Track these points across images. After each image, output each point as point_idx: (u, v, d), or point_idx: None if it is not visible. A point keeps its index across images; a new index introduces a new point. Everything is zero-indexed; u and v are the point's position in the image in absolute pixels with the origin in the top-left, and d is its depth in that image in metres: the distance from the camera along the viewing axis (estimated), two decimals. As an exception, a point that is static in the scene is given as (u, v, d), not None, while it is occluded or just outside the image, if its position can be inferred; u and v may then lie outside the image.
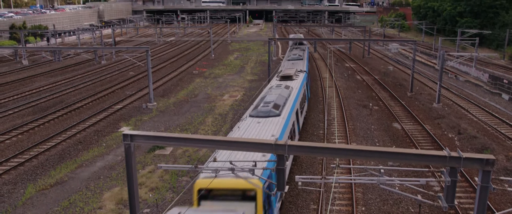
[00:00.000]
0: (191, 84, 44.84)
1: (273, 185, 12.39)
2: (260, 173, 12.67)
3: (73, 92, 40.75)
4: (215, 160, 12.98)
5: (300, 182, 11.12)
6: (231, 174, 12.20)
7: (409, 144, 25.96)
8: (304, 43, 51.33)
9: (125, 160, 11.20)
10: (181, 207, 11.72)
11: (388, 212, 17.88)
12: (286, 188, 10.82)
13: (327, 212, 17.67)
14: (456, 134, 27.73)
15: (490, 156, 8.86)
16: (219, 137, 11.31)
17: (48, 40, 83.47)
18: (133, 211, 11.76)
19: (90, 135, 28.51)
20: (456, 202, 9.48)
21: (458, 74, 48.84)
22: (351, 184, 19.58)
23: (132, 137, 10.88)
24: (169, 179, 20.88)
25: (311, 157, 22.90)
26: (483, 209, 9.19)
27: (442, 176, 9.60)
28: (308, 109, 33.30)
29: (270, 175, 13.50)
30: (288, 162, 17.46)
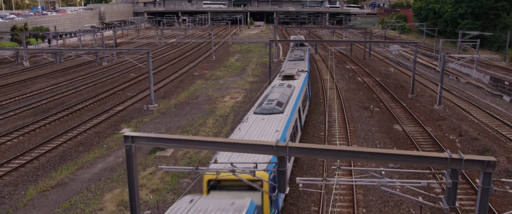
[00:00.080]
0: (192, 86, 44.85)
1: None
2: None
3: (74, 94, 40.79)
4: (216, 161, 13.04)
5: (301, 184, 11.11)
6: (241, 162, 12.90)
7: (410, 146, 25.94)
8: (305, 45, 51.50)
9: (126, 162, 11.20)
10: (193, 195, 12.46)
11: (389, 214, 17.86)
12: (287, 190, 10.81)
13: (328, 214, 17.64)
14: (457, 136, 27.70)
15: (491, 158, 8.85)
16: (220, 138, 11.31)
17: (49, 41, 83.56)
18: (134, 213, 11.75)
19: (91, 136, 28.53)
20: (457, 204, 9.46)
21: (459, 76, 48.81)
22: (352, 186, 19.57)
23: (133, 139, 10.88)
24: (170, 181, 20.88)
25: (312, 158, 22.89)
26: (484, 211, 9.17)
27: (443, 178, 9.58)
28: (309, 110, 33.31)
29: (273, 177, 13.60)
30: (289, 164, 17.50)
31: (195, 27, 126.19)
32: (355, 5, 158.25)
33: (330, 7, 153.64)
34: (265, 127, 18.55)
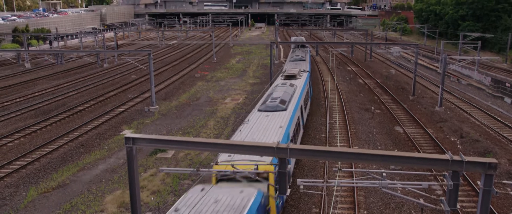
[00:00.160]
0: (193, 88, 44.87)
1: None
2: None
3: (75, 96, 40.83)
4: (217, 163, 13.11)
5: (302, 186, 11.11)
6: (245, 158, 14.17)
7: (411, 148, 25.91)
8: (306, 46, 51.72)
9: (127, 163, 11.20)
10: (204, 184, 13.26)
11: (390, 216, 17.83)
12: (288, 191, 10.81)
13: (329, 216, 17.63)
14: (458, 138, 27.66)
15: (492, 160, 8.83)
16: (221, 140, 11.32)
17: (50, 43, 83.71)
18: (134, 214, 11.75)
19: (92, 138, 28.54)
20: (458, 206, 9.44)
21: (460, 77, 48.77)
22: (353, 188, 19.55)
23: (134, 140, 10.88)
24: (171, 182, 20.87)
25: (313, 160, 22.87)
26: (485, 213, 9.15)
27: (445, 180, 9.57)
28: (310, 112, 33.31)
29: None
30: (291, 165, 17.54)
31: (196, 29, 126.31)
32: (356, 7, 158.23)
33: (331, 8, 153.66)
34: (269, 124, 19.29)
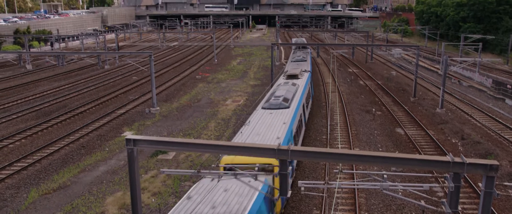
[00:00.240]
0: (194, 89, 44.90)
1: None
2: (263, 179, 12.99)
3: (77, 97, 40.87)
4: (218, 165, 13.14)
5: (303, 187, 11.10)
6: None
7: (412, 149, 25.88)
8: (307, 47, 52.14)
9: (128, 165, 11.20)
10: (212, 176, 13.59)
11: (391, 217, 17.80)
12: (289, 193, 10.80)
13: (330, 218, 17.60)
14: (459, 139, 27.63)
15: (494, 162, 8.82)
16: (222, 141, 11.32)
17: (52, 45, 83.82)
18: (135, 216, 11.74)
19: (93, 139, 28.56)
20: (459, 208, 9.43)
21: (461, 79, 48.73)
22: (354, 189, 19.53)
23: (135, 142, 10.88)
24: (172, 184, 20.87)
25: (314, 162, 22.86)
26: (487, 215, 9.13)
27: (446, 182, 9.56)
28: (311, 114, 33.31)
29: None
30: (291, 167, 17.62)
31: (197, 31, 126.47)
32: (357, 8, 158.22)
33: (332, 10, 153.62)
34: (273, 120, 20.09)
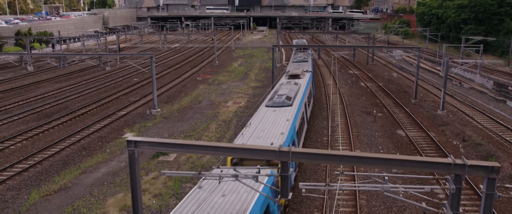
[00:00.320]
0: (195, 91, 44.92)
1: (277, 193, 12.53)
2: (264, 180, 13.00)
3: (78, 99, 40.91)
4: (219, 167, 13.15)
5: (304, 189, 11.09)
6: (257, 143, 16.18)
7: (414, 151, 25.85)
8: (308, 49, 52.51)
9: (129, 166, 11.21)
10: (222, 167, 14.35)
11: (393, 219, 17.77)
12: (290, 195, 10.80)
13: (331, 219, 17.58)
14: (460, 141, 27.60)
15: (495, 164, 8.81)
16: (223, 143, 11.33)
17: (53, 46, 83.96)
18: (136, 218, 11.74)
19: (94, 141, 28.58)
20: (461, 209, 9.41)
21: (462, 81, 48.70)
22: (355, 191, 19.50)
23: (136, 143, 10.89)
24: (173, 186, 20.87)
25: (315, 163, 22.85)
26: (488, 217, 9.12)
27: (447, 184, 9.54)
28: (312, 115, 33.31)
29: (275, 183, 13.69)
30: (292, 169, 17.66)
31: (198, 32, 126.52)
32: (358, 10, 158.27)
33: (333, 12, 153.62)
34: (276, 117, 20.90)
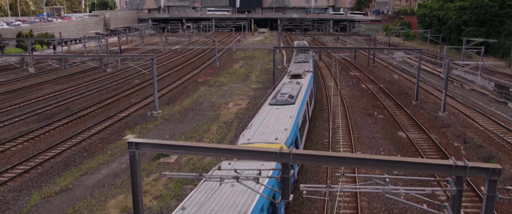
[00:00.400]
0: (196, 93, 44.94)
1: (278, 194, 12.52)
2: (265, 182, 12.98)
3: (79, 100, 40.95)
4: (219, 168, 13.05)
5: (305, 191, 11.08)
6: (262, 139, 17.65)
7: (415, 153, 25.83)
8: (309, 50, 52.79)
9: (130, 168, 11.21)
10: (229, 160, 15.08)
11: (394, 221, 17.75)
12: (291, 197, 10.79)
13: (332, 221, 17.57)
14: (462, 143, 27.57)
15: (496, 165, 8.80)
16: (224, 145, 11.33)
17: (54, 48, 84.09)
18: (137, 219, 11.73)
19: (95, 142, 28.59)
20: (462, 211, 9.40)
21: (463, 83, 48.66)
22: (356, 193, 19.48)
23: (137, 145, 10.89)
24: (174, 187, 20.87)
25: (316, 165, 22.83)
26: (489, 219, 9.10)
27: (448, 185, 9.53)
28: (313, 117, 33.30)
29: (275, 184, 13.69)
30: (293, 171, 17.73)
31: (199, 34, 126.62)
32: (359, 12, 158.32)
33: (334, 14, 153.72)
34: (280, 115, 21.78)
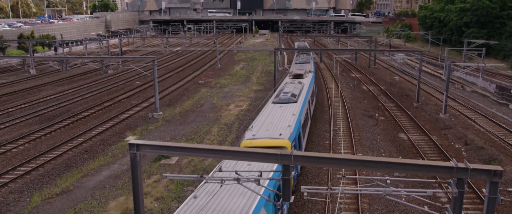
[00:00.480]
0: (197, 94, 44.96)
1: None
2: (265, 183, 12.98)
3: (80, 102, 40.99)
4: (220, 170, 13.04)
5: (306, 193, 11.07)
6: (267, 135, 18.61)
7: (416, 155, 25.80)
8: (309, 52, 52.89)
9: (131, 169, 11.21)
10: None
11: (395, 223, 17.72)
12: (292, 199, 10.78)
13: (333, 223, 17.54)
14: (463, 145, 27.53)
15: (497, 167, 8.79)
16: (225, 146, 11.32)
17: (55, 49, 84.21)
18: (138, 221, 11.73)
19: (96, 144, 28.61)
20: (463, 213, 9.38)
21: (464, 84, 48.62)
22: (357, 195, 19.46)
23: (138, 146, 10.90)
24: (175, 189, 20.86)
25: (317, 167, 22.81)
26: (491, 221, 9.08)
27: (449, 187, 9.52)
28: (314, 118, 33.29)
29: (276, 186, 13.66)
30: (294, 172, 17.73)
31: (200, 36, 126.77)
32: (360, 13, 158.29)
33: (335, 15, 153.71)
34: (283, 112, 22.58)
